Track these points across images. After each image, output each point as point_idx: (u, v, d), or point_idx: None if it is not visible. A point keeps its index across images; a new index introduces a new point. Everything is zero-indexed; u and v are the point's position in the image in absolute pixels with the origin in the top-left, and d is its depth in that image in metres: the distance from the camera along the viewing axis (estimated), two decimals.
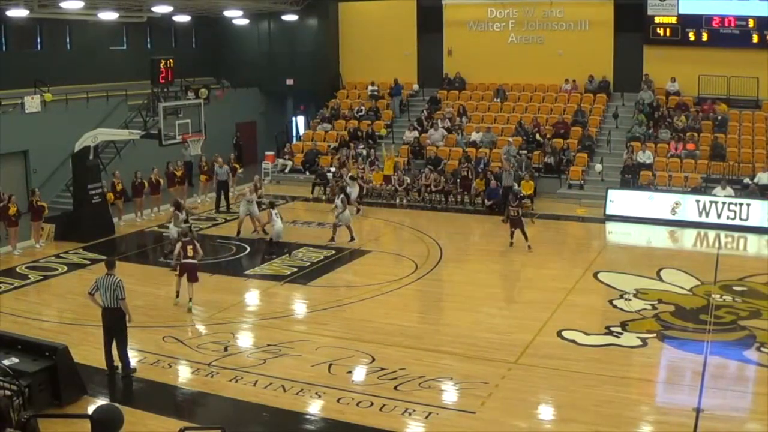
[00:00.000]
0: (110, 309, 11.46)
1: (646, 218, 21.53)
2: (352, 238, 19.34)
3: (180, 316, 14.47)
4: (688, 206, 21.28)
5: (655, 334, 13.01)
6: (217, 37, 32.92)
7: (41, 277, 16.96)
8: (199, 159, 24.57)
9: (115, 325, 11.50)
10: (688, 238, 20.62)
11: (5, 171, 22.27)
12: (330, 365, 11.88)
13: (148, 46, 30.26)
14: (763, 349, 12.27)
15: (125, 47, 29.62)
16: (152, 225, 21.97)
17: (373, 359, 12.07)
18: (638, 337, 12.88)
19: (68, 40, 27.48)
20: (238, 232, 20.20)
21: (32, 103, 23.17)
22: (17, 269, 17.53)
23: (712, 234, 20.34)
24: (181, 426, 8.22)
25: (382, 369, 11.68)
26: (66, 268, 17.63)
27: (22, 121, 22.92)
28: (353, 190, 22.97)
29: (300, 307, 15.37)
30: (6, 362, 9.94)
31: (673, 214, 21.41)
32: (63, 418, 9.58)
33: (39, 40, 26.74)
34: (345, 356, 12.25)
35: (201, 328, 13.89)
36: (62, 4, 23.56)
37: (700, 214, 21.09)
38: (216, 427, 9.40)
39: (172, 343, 12.89)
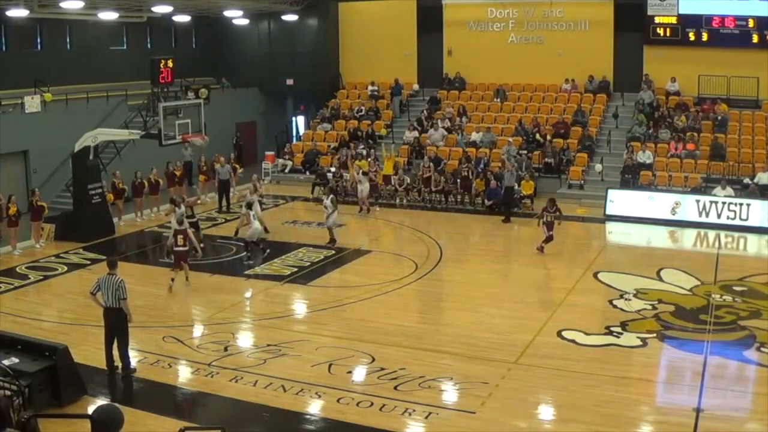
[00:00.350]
0: (112, 309, 11.45)
1: (646, 218, 21.53)
2: (333, 241, 19.17)
3: (180, 316, 14.49)
4: (688, 206, 21.28)
5: (655, 334, 13.01)
6: (217, 37, 32.93)
7: (41, 277, 16.96)
8: (199, 159, 24.58)
9: (116, 325, 11.50)
10: (688, 238, 20.62)
11: (5, 171, 22.29)
12: (330, 365, 11.88)
13: (148, 46, 30.27)
14: (763, 349, 12.27)
15: (125, 47, 29.63)
16: (152, 225, 21.98)
17: (373, 359, 12.07)
18: (638, 337, 12.88)
19: (68, 40, 27.49)
20: (236, 232, 20.20)
21: (32, 103, 23.18)
22: (17, 269, 17.53)
23: (712, 234, 20.33)
24: (181, 426, 8.22)
25: (382, 369, 11.68)
26: (66, 268, 17.64)
27: (22, 121, 22.92)
28: (363, 187, 22.88)
29: (300, 307, 15.37)
30: (6, 362, 9.94)
31: (673, 214, 21.41)
32: (63, 418, 9.58)
33: (39, 40, 26.75)
34: (345, 356, 12.24)
35: (201, 328, 13.90)
36: (62, 4, 23.56)
37: (700, 214, 21.09)
38: (216, 427, 9.40)
39: (172, 343, 12.89)
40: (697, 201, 21.22)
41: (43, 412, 9.49)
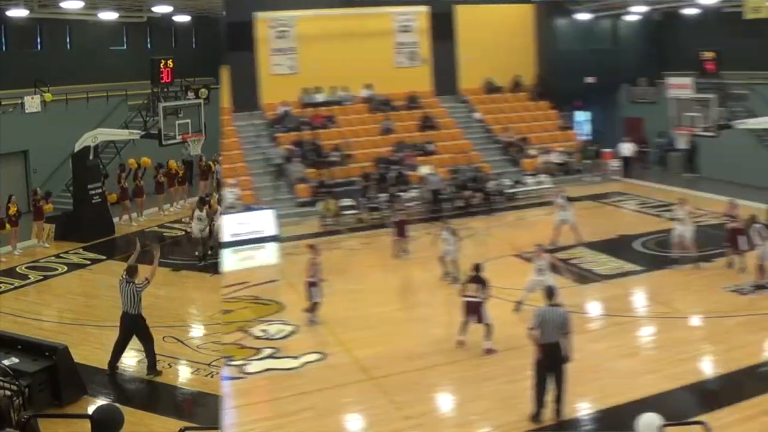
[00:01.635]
0: (130, 315, 11.53)
1: None
2: None
3: (180, 316, 14.48)
4: None
5: None
6: (217, 37, 32.84)
7: (41, 277, 16.96)
8: (199, 159, 24.60)
9: (138, 331, 11.64)
10: None
11: (5, 171, 22.26)
12: None
13: (148, 46, 30.20)
14: None
15: (125, 47, 29.57)
16: (152, 225, 21.98)
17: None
18: None
19: (68, 40, 27.44)
20: None
21: (32, 103, 23.16)
22: (17, 269, 17.53)
23: None
24: (181, 426, 8.23)
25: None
26: (66, 268, 17.62)
27: (22, 121, 22.90)
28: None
29: None
30: (6, 362, 9.95)
31: None
32: (63, 418, 9.58)
33: (39, 40, 26.70)
34: None
35: (201, 328, 13.89)
36: (62, 4, 23.53)
37: None
38: (216, 427, 9.40)
39: (172, 343, 12.89)
40: None
41: (43, 412, 9.49)
